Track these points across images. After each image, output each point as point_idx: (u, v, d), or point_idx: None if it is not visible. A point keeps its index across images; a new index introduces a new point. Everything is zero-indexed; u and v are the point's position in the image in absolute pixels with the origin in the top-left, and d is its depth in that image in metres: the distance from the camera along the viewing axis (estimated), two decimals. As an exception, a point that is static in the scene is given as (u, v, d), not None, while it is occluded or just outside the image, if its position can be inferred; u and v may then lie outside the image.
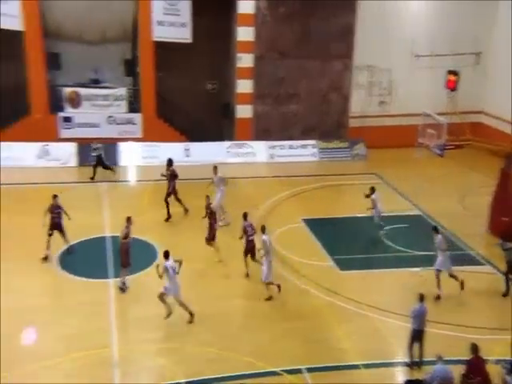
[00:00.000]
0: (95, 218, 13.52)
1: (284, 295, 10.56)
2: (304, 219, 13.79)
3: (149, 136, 19.29)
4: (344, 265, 11.85)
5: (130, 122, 19.54)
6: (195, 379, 8.00)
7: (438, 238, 10.40)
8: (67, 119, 18.64)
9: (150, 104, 19.46)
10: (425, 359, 8.32)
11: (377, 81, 20.09)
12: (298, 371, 8.29)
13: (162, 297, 9.10)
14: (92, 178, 16.27)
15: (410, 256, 12.06)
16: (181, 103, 19.53)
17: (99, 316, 9.49)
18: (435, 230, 10.65)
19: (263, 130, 19.89)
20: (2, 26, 16.89)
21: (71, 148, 18.13)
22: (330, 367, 8.41)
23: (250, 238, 10.84)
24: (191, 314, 9.32)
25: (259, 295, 10.50)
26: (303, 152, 19.47)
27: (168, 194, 13.48)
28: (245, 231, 10.87)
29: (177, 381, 7.96)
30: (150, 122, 19.48)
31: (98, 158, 16.49)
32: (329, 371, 8.27)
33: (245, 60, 18.96)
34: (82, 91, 18.77)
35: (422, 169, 18.01)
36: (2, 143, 17.22)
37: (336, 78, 19.79)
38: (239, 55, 19.03)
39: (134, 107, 19.73)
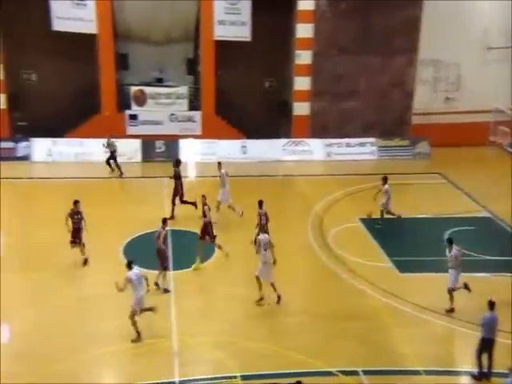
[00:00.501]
0: (156, 211, 14.01)
1: (339, 295, 10.25)
2: (361, 219, 13.35)
3: (207, 133, 19.27)
4: (404, 267, 11.34)
5: (190, 119, 19.63)
6: (250, 373, 7.95)
7: (453, 251, 9.46)
8: (133, 117, 19.08)
9: (210, 102, 19.46)
10: (494, 371, 7.82)
11: (443, 76, 19.06)
12: (355, 373, 8.03)
13: (133, 317, 8.35)
14: (121, 174, 16.37)
15: (477, 260, 11.34)
16: (239, 101, 19.20)
17: (159, 306, 9.32)
18: (449, 242, 9.59)
19: (320, 128, 19.32)
20: (79, 31, 17.59)
21: (136, 144, 18.72)
22: (388, 371, 8.08)
23: (263, 225, 11.07)
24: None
25: (314, 294, 10.34)
26: (361, 150, 18.85)
27: (175, 195, 13.23)
28: (260, 219, 11.09)
29: (232, 374, 7.95)
30: (208, 120, 19.47)
31: (112, 153, 16.47)
32: (387, 375, 7.96)
33: (303, 57, 18.59)
34: (147, 90, 19.13)
35: (492, 169, 16.93)
36: (76, 139, 18.09)
37: (398, 73, 18.94)
38: (298, 52, 18.66)
39: (194, 105, 19.81)
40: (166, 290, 9.98)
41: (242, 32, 19.41)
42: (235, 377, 7.87)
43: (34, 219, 13.18)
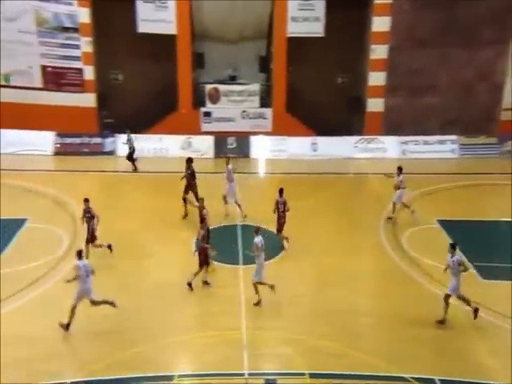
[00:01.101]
0: (228, 206, 14.32)
1: (414, 299, 9.55)
2: (439, 220, 12.41)
3: (278, 130, 18.82)
4: (487, 273, 10.31)
5: (261, 116, 19.35)
6: (319, 372, 7.68)
7: (455, 257, 8.65)
8: (207, 114, 19.24)
9: (281, 99, 18.99)
10: None
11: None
12: (431, 381, 7.46)
13: (73, 310, 8.19)
14: (135, 169, 16.06)
15: None
16: (310, 97, 18.49)
17: (230, 299, 9.41)
18: (452, 247, 8.72)
19: (395, 125, 18.10)
20: (160, 32, 18.01)
21: (209, 141, 18.91)
22: (469, 383, 7.45)
23: (281, 213, 11.01)
24: (111, 303, 8.51)
25: (386, 296, 9.94)
26: (441, 148, 17.59)
27: (186, 192, 12.67)
28: (277, 207, 11.02)
29: (301, 371, 7.74)
30: (279, 117, 18.99)
31: (130, 148, 16.15)
32: (468, 387, 7.31)
33: (378, 51, 17.94)
34: (221, 88, 19.25)
35: None
36: (154, 135, 18.66)
37: (485, 66, 17.30)
38: (373, 47, 17.78)
39: (265, 102, 19.47)
40: (206, 282, 9.84)
41: (315, 28, 18.91)
42: (303, 374, 7.65)
43: (118, 209, 14.07)
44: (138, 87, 19.27)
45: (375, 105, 18.23)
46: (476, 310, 8.90)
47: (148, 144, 18.87)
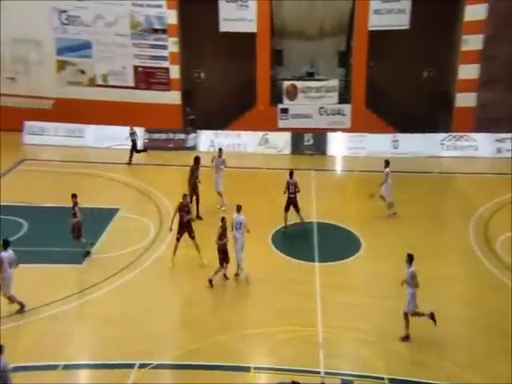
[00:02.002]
0: (304, 203, 14.00)
1: (508, 308, 8.57)
2: (540, 227, 11.28)
3: (357, 127, 17.59)
4: None
5: (339, 112, 18.20)
6: (399, 378, 7.17)
7: (411, 268, 7.98)
8: (284, 110, 18.56)
9: (360, 94, 17.74)
10: None
11: None
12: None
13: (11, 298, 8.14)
14: (129, 163, 15.56)
15: None
16: (391, 93, 17.95)
17: (306, 296, 9.00)
18: (409, 257, 8.06)
19: (489, 121, 16.04)
20: (240, 30, 17.78)
21: (286, 137, 18.27)
22: None
23: (291, 195, 11.21)
24: (21, 306, 8.46)
25: (476, 304, 9.09)
26: (542, 146, 15.17)
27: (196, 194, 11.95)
28: (288, 188, 11.17)
29: (379, 375, 7.34)
30: (358, 113, 17.72)
31: (133, 142, 15.74)
32: None
33: (471, 42, 16.29)
34: (299, 84, 18.42)
35: None
36: (233, 132, 18.54)
37: None
38: (465, 37, 16.17)
39: (344, 98, 18.26)
40: (211, 283, 9.48)
41: (399, 20, 17.45)
42: (382, 378, 7.18)
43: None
44: (218, 85, 19.54)
45: (466, 99, 16.61)
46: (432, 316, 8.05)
47: (227, 140, 19.05)
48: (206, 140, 19.07)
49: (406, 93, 18.17)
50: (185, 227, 9.98)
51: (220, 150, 13.06)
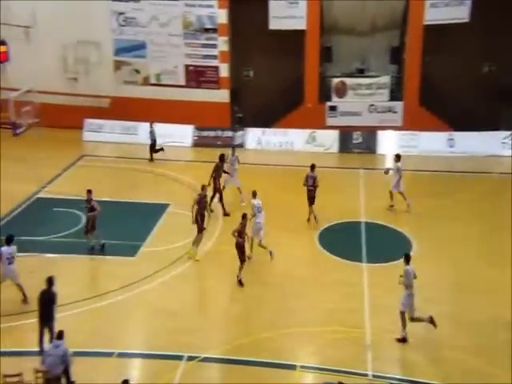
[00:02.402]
0: (352, 202, 13.75)
1: None
2: None
3: (409, 124, 16.79)
4: None
5: (390, 110, 17.54)
6: None
7: (406, 269, 7.92)
8: (332, 108, 18.12)
9: (413, 91, 16.86)
10: None
11: None
12: None
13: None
14: (151, 160, 15.58)
15: None
16: (447, 89, 16.87)
17: (353, 297, 8.90)
18: (406, 257, 8.06)
19: None
20: (290, 27, 17.58)
21: (334, 135, 17.90)
22: None
23: (310, 187, 11.48)
24: (24, 296, 8.72)
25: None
26: None
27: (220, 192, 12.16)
28: (306, 180, 11.50)
29: (431, 381, 7.09)
30: (411, 110, 16.87)
31: (152, 140, 15.72)
32: None
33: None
34: (348, 81, 17.95)
35: None
36: (280, 129, 18.45)
37: None
38: None
39: (395, 95, 17.48)
40: (240, 282, 9.45)
41: (458, 13, 16.19)
42: None
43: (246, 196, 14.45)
44: (266, 83, 19.43)
45: (532, 95, 15.49)
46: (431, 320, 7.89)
47: (274, 138, 19.00)
48: (254, 138, 19.11)
49: (464, 89, 17.15)
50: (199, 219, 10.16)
51: (233, 148, 13.40)
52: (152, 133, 16.97)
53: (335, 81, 18.50)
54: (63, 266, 9.78)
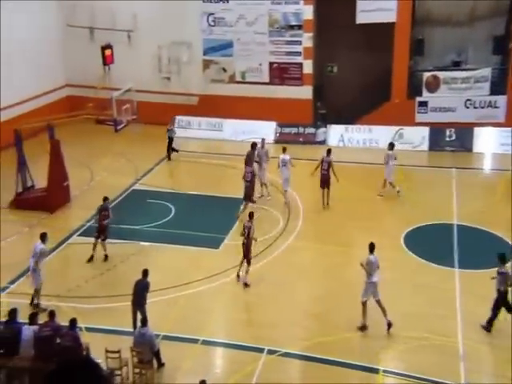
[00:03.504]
0: (443, 203, 12.81)
1: None
2: None
3: None
4: None
5: (491, 105, 16.09)
6: None
7: (369, 258, 8.07)
8: (422, 104, 17.10)
9: None
10: None
11: None
12: None
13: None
14: (169, 159, 15.57)
15: None
16: None
17: (443, 303, 8.54)
18: (371, 247, 8.18)
19: None
20: (379, 20, 16.89)
21: (424, 132, 16.81)
22: None
23: (324, 171, 11.90)
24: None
25: None
26: None
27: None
28: (322, 164, 11.89)
29: None
30: None
31: (170, 139, 15.58)
32: None
33: None
34: (442, 75, 16.84)
35: None
36: (364, 126, 17.76)
37: None
38: None
39: (497, 89, 16.05)
40: (246, 285, 9.24)
41: None
42: None
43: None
44: (350, 78, 18.92)
45: None
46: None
47: (358, 135, 18.42)
48: (336, 135, 18.75)
49: None
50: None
51: (263, 140, 13.36)
52: (170, 131, 17.18)
53: (427, 75, 17.52)
54: (153, 254, 10.39)
